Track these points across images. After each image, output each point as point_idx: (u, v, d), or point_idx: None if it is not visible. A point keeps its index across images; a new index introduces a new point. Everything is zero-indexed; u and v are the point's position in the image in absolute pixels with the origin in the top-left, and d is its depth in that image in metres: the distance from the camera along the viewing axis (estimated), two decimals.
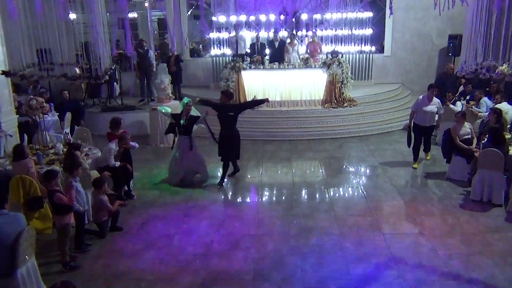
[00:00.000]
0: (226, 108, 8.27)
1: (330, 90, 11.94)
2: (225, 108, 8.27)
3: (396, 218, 6.95)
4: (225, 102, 8.41)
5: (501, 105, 9.14)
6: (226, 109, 8.24)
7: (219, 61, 14.13)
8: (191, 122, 8.23)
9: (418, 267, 5.59)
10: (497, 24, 7.16)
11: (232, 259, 5.86)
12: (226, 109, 8.26)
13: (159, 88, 11.25)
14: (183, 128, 8.21)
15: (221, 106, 8.35)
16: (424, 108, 8.75)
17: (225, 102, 8.40)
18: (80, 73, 7.96)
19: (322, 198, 7.83)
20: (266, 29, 13.89)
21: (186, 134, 8.25)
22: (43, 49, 7.84)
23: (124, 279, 5.50)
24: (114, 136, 8.01)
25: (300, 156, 10.11)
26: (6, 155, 7.65)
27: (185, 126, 8.19)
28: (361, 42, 13.87)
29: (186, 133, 8.24)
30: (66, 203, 5.62)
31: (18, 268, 4.62)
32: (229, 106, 8.45)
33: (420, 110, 8.82)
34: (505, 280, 5.26)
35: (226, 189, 8.41)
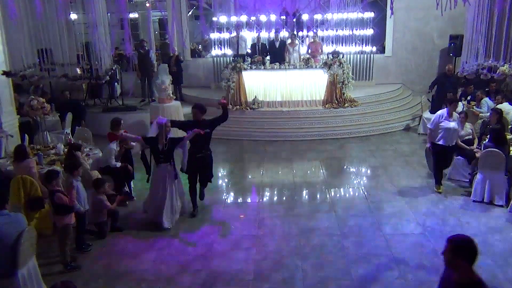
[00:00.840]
0: (200, 125, 6.86)
1: (331, 91, 11.94)
2: (199, 126, 6.84)
3: (397, 219, 6.94)
4: (199, 118, 7.10)
5: (502, 106, 9.13)
6: (200, 127, 6.80)
7: (220, 61, 14.13)
8: (173, 145, 6.72)
9: (419, 267, 5.58)
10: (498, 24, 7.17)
11: (233, 260, 5.86)
12: (201, 126, 6.84)
13: (160, 88, 11.25)
14: (163, 155, 6.65)
15: (195, 124, 6.98)
16: (446, 126, 7.56)
17: (199, 118, 7.10)
18: (81, 73, 7.98)
19: (323, 198, 7.82)
20: (267, 30, 13.89)
21: (167, 161, 6.71)
22: (44, 50, 7.86)
23: (124, 279, 5.49)
24: (114, 136, 8.01)
25: (301, 156, 10.10)
26: (7, 156, 7.65)
27: (165, 151, 6.65)
28: (362, 42, 13.86)
29: (167, 159, 6.71)
30: (66, 204, 5.62)
31: (19, 268, 4.62)
32: (204, 122, 7.08)
33: (441, 128, 7.61)
34: (507, 281, 5.25)
35: (227, 189, 8.40)
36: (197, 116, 7.07)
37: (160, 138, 6.56)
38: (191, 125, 6.89)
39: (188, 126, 6.96)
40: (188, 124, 7.09)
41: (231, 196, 8.09)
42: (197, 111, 7.08)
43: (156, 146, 6.63)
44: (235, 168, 9.58)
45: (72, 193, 5.72)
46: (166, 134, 6.60)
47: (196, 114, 7.08)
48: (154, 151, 6.72)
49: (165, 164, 6.65)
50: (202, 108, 7.13)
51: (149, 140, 6.73)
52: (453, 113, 7.65)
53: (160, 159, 6.64)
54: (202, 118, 7.12)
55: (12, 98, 8.90)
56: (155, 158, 6.74)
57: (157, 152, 6.65)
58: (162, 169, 6.68)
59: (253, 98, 12.00)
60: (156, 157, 6.72)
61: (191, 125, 6.93)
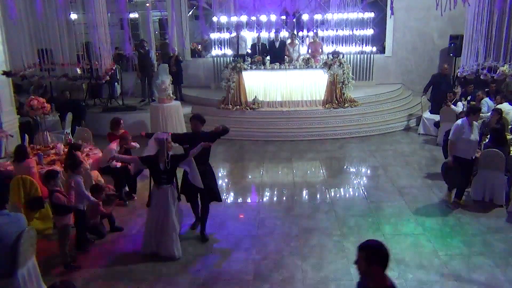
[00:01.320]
0: (200, 138, 6.15)
1: (331, 91, 11.94)
2: (198, 138, 6.14)
3: (397, 219, 6.94)
4: (199, 129, 6.40)
5: (502, 106, 9.14)
6: (200, 139, 6.09)
7: (220, 61, 14.13)
8: (176, 163, 5.89)
9: (419, 267, 5.58)
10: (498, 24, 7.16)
11: (233, 260, 5.86)
12: (200, 138, 6.13)
13: (160, 88, 11.25)
14: (165, 175, 5.79)
15: (194, 136, 6.30)
16: (468, 138, 6.92)
17: (198, 129, 6.39)
18: (81, 73, 7.98)
19: (323, 198, 7.83)
20: (267, 30, 13.89)
21: (170, 182, 5.87)
22: (44, 50, 7.86)
23: (125, 279, 5.49)
24: (115, 136, 8.02)
25: (301, 156, 10.11)
26: (7, 155, 7.66)
27: (168, 171, 5.80)
28: (362, 42, 13.86)
29: (170, 180, 5.86)
30: (65, 204, 5.62)
31: (19, 268, 4.62)
32: (204, 135, 6.35)
33: (463, 139, 6.94)
34: (507, 281, 5.25)
35: (227, 189, 8.40)
36: (197, 127, 6.39)
37: (161, 156, 5.70)
38: (191, 138, 6.25)
39: (188, 139, 6.29)
40: (187, 137, 6.41)
41: (231, 196, 8.09)
42: (197, 123, 6.39)
43: (157, 166, 5.75)
44: (235, 168, 9.58)
45: (71, 193, 5.72)
46: (168, 151, 5.74)
47: (197, 125, 6.38)
48: (155, 171, 5.80)
49: (168, 186, 5.81)
50: (202, 119, 6.46)
51: (148, 160, 5.82)
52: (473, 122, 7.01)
53: (162, 180, 5.79)
54: (201, 129, 6.45)
55: (12, 98, 8.91)
56: (156, 179, 5.84)
57: (159, 172, 5.76)
58: (164, 192, 5.81)
59: (253, 98, 12.00)
60: (157, 179, 5.84)
61: (190, 138, 6.29)
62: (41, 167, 7.04)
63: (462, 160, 7.01)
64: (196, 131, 6.38)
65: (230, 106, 11.97)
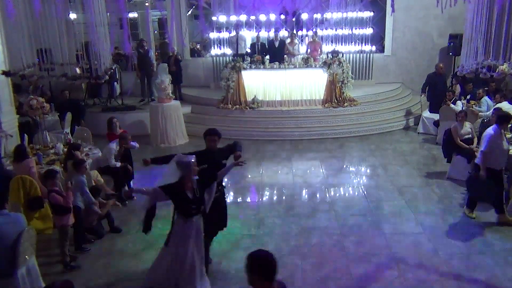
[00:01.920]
0: (215, 155, 5.51)
1: (331, 90, 11.93)
2: (215, 155, 5.50)
3: (397, 218, 6.94)
4: (214, 146, 5.56)
5: (502, 105, 9.13)
6: (216, 156, 5.50)
7: (219, 60, 14.11)
8: (203, 189, 4.94)
9: (418, 266, 5.59)
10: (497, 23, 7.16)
11: (233, 259, 5.86)
12: (217, 156, 5.53)
13: (159, 88, 11.25)
14: (195, 204, 4.82)
15: (208, 153, 5.48)
16: (503, 147, 6.54)
17: (213, 146, 5.55)
18: (81, 73, 7.97)
19: (323, 198, 7.82)
20: (267, 29, 13.88)
21: (199, 211, 4.88)
22: (43, 49, 7.84)
23: (124, 279, 5.50)
24: (114, 136, 8.02)
25: (301, 155, 10.10)
26: (6, 155, 7.65)
27: (197, 199, 4.84)
28: (361, 41, 13.85)
29: (199, 209, 4.86)
30: (60, 203, 5.60)
31: (19, 268, 4.62)
32: (219, 152, 5.63)
33: (496, 149, 6.48)
34: (506, 280, 5.26)
35: (226, 189, 8.37)
36: (213, 144, 5.52)
37: (187, 182, 4.75)
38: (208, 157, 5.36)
39: (204, 158, 5.25)
40: (204, 156, 5.32)
41: (231, 196, 8.08)
42: (215, 139, 5.53)
43: (183, 194, 4.76)
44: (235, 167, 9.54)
45: (69, 194, 5.70)
46: (193, 177, 4.83)
47: (213, 142, 5.50)
48: (182, 202, 4.78)
49: (197, 217, 4.85)
50: (220, 134, 5.62)
51: (172, 190, 4.76)
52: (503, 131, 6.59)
53: (192, 210, 4.79)
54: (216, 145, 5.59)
55: (11, 98, 8.90)
56: (184, 211, 4.81)
57: (187, 202, 4.76)
58: (192, 224, 4.83)
59: (253, 98, 11.99)
60: (185, 210, 4.80)
61: (207, 156, 5.38)
62: (40, 167, 7.04)
63: (494, 171, 6.49)
64: (211, 149, 5.52)
65: (229, 106, 11.97)
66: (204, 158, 5.23)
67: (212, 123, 11.86)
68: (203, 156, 5.28)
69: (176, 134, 11.20)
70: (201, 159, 5.13)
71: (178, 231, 4.88)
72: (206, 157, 5.31)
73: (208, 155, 5.39)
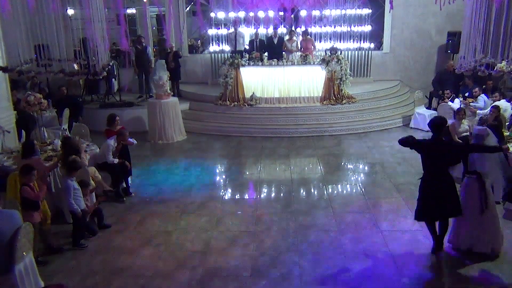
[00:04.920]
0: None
1: (329, 87, 11.93)
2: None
3: (395, 215, 6.95)
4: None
5: (499, 103, 9.15)
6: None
7: (217, 57, 14.08)
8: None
9: (416, 264, 5.60)
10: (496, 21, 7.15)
11: (230, 256, 5.87)
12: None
13: (157, 84, 11.23)
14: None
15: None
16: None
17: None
18: (78, 69, 7.94)
19: (321, 195, 7.83)
20: (265, 26, 13.85)
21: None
22: (41, 45, 7.81)
23: (122, 275, 5.50)
24: (112, 132, 8.00)
25: (299, 153, 10.11)
26: (3, 151, 7.63)
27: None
28: (360, 39, 13.84)
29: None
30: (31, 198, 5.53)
31: (16, 264, 4.62)
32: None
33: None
34: (503, 277, 5.27)
35: (224, 185, 8.40)
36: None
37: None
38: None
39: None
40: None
41: (229, 193, 8.08)
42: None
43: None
44: (233, 164, 9.58)
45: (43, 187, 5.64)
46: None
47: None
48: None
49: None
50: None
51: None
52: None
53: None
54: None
55: (8, 94, 8.87)
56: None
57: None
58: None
59: (251, 95, 11.98)
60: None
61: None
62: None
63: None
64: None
65: (227, 102, 11.95)
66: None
67: (210, 120, 11.91)
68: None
69: (174, 131, 11.19)
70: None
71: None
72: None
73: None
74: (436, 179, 5.61)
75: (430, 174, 5.68)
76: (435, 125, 5.66)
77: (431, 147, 5.64)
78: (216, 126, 11.71)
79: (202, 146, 10.72)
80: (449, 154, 5.65)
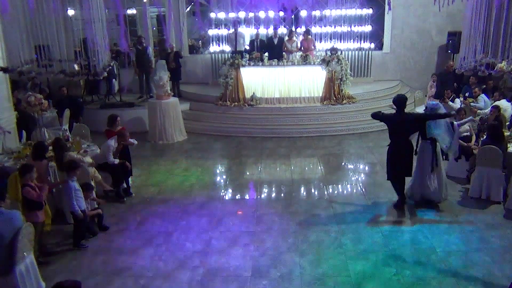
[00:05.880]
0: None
1: (329, 87, 11.93)
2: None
3: (395, 215, 6.95)
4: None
5: (500, 102, 9.16)
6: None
7: (218, 57, 14.08)
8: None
9: (416, 264, 5.60)
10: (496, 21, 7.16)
11: (231, 256, 5.87)
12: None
13: (158, 85, 11.23)
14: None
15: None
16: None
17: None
18: (79, 69, 7.94)
19: (321, 195, 7.84)
20: (265, 26, 13.85)
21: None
22: (41, 46, 7.82)
23: (123, 275, 5.50)
24: (112, 133, 8.00)
25: (299, 153, 10.11)
26: (4, 152, 7.63)
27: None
28: (360, 39, 13.83)
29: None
30: (33, 199, 5.52)
31: (17, 265, 4.62)
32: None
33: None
34: (504, 277, 5.27)
35: (225, 186, 8.40)
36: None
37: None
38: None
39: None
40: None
41: (229, 193, 8.09)
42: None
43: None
44: (233, 164, 9.58)
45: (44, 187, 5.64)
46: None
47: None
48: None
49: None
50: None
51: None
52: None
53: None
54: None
55: (9, 94, 8.89)
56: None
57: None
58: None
59: (251, 95, 11.99)
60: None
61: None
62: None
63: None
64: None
65: (228, 103, 11.96)
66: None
67: (210, 120, 11.91)
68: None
69: (174, 131, 11.19)
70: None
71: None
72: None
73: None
74: (398, 145, 6.93)
75: (395, 141, 6.99)
76: (398, 101, 6.98)
77: (395, 119, 6.97)
78: (216, 127, 11.71)
79: (202, 146, 10.73)
80: (409, 123, 6.93)
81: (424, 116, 7.14)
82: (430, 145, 6.97)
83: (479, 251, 5.86)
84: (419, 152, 7.08)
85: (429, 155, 6.97)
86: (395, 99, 7.05)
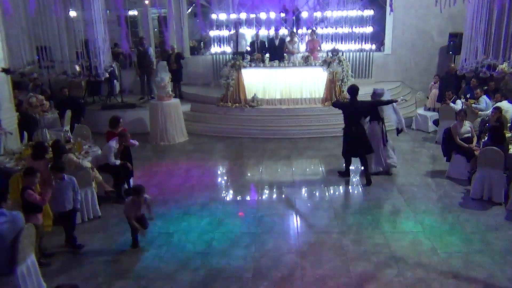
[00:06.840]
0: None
1: (331, 88, 11.93)
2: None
3: (396, 216, 6.95)
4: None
5: (501, 104, 9.15)
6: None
7: (219, 59, 14.10)
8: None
9: (417, 265, 5.59)
10: (497, 22, 7.15)
11: (232, 257, 5.87)
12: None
13: (159, 86, 11.24)
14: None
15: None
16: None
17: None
18: (80, 70, 7.95)
19: (322, 196, 7.83)
20: (267, 27, 13.87)
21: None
22: (43, 47, 7.83)
23: (124, 276, 5.50)
24: (113, 134, 8.00)
25: (300, 154, 10.11)
26: (6, 153, 7.64)
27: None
28: (361, 40, 13.85)
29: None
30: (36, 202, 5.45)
31: (18, 265, 4.63)
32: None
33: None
34: (505, 279, 5.27)
35: (226, 187, 8.41)
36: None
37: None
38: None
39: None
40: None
41: (230, 194, 8.09)
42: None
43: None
44: (234, 165, 9.58)
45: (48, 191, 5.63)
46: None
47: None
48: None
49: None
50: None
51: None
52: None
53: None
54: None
55: (11, 95, 8.90)
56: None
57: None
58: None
59: (253, 96, 11.99)
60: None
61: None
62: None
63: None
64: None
65: (229, 104, 11.97)
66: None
67: (212, 121, 11.92)
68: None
69: (176, 132, 11.20)
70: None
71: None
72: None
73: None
74: (351, 128, 8.07)
75: (348, 125, 8.12)
76: (351, 90, 8.18)
77: (349, 106, 8.23)
78: (217, 128, 11.72)
79: (203, 147, 10.73)
80: (361, 109, 8.17)
81: (373, 103, 8.33)
82: (378, 125, 8.33)
83: (480, 253, 5.85)
84: (372, 133, 8.31)
85: (379, 133, 8.35)
86: (349, 89, 8.31)
